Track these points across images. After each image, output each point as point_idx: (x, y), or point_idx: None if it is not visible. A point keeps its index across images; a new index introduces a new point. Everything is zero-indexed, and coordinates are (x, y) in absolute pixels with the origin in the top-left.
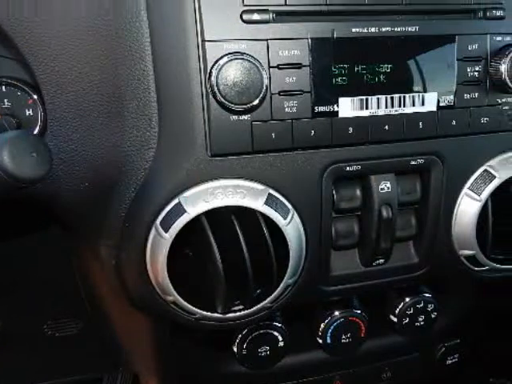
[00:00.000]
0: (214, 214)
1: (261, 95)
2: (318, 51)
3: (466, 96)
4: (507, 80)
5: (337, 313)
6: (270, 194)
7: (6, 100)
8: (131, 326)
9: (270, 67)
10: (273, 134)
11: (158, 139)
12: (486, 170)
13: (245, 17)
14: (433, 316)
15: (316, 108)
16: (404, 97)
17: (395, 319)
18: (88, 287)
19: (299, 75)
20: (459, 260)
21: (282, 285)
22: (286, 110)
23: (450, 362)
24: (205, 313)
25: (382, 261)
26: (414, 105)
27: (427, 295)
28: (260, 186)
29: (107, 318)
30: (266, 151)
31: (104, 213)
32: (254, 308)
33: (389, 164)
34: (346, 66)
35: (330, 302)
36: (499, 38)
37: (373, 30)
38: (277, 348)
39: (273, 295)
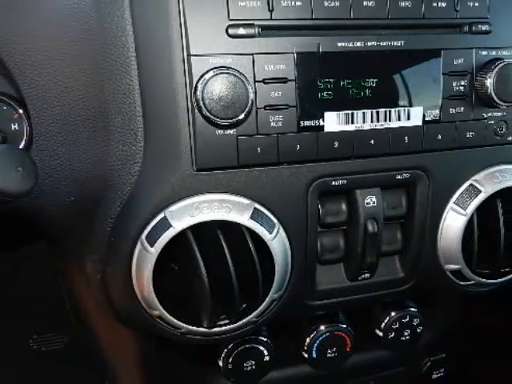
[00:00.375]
0: (199, 229)
1: (246, 110)
2: (303, 65)
3: (452, 110)
4: (493, 94)
5: (322, 327)
6: (255, 208)
7: None
8: (117, 341)
9: (255, 81)
10: (258, 149)
11: (143, 153)
12: (471, 185)
13: (230, 31)
14: (418, 330)
15: (302, 122)
16: (390, 111)
17: (381, 333)
18: (73, 302)
19: (285, 90)
20: (445, 274)
21: (267, 299)
22: (272, 124)
23: (435, 376)
24: (190, 327)
25: (367, 275)
26: (399, 119)
27: (413, 309)
28: (246, 201)
29: (93, 332)
30: (252, 166)
31: (89, 227)
32: (240, 322)
33: (374, 178)
34: (331, 80)
35: (315, 316)
36: (485, 53)
37: (358, 44)
38: (262, 362)
39: (258, 310)
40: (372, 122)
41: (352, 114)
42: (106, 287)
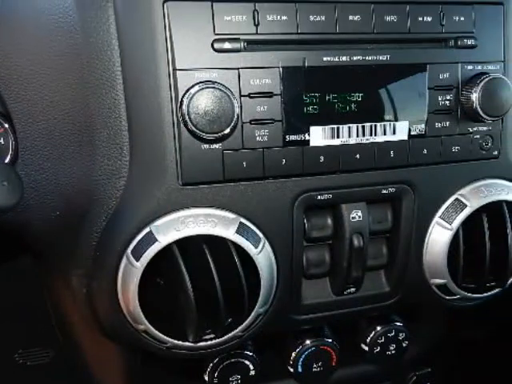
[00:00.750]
0: (185, 243)
1: (232, 124)
2: (289, 80)
3: (438, 125)
4: (478, 109)
5: (308, 341)
6: (241, 222)
7: None
8: (102, 355)
9: (241, 96)
10: (244, 163)
11: (129, 168)
12: (457, 199)
13: (216, 45)
14: (404, 345)
15: (287, 137)
16: (375, 125)
17: (366, 348)
18: (59, 316)
19: (270, 104)
20: (430, 289)
21: (253, 313)
22: (257, 138)
23: None
24: (176, 341)
25: (353, 289)
26: (385, 133)
27: (398, 324)
28: (231, 215)
29: (78, 346)
30: (237, 180)
31: (75, 242)
32: (226, 337)
33: (360, 193)
34: (317, 94)
35: (301, 330)
36: (470, 67)
37: (344, 58)
38: (248, 377)
39: (244, 324)
40: (358, 136)
41: (338, 128)
42: (91, 301)
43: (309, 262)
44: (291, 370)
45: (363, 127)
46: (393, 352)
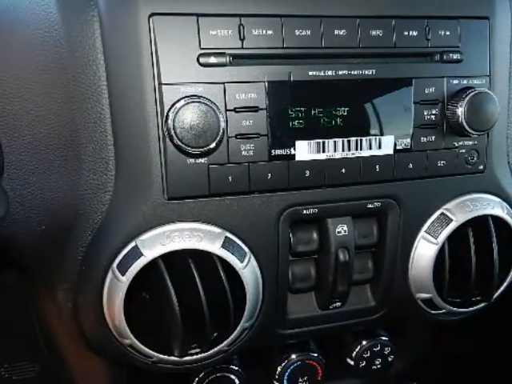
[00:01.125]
0: (170, 257)
1: (217, 138)
2: (274, 94)
3: (423, 139)
4: (464, 123)
5: (293, 356)
6: (226, 237)
7: None
8: (88, 369)
9: (226, 110)
10: (229, 178)
11: (114, 182)
12: (442, 214)
13: (201, 60)
14: (389, 359)
15: (273, 151)
16: (361, 140)
17: (352, 362)
18: (45, 330)
19: (256, 118)
20: (416, 303)
21: (238, 328)
22: (243, 153)
23: None
24: (162, 356)
25: (338, 304)
26: (370, 148)
27: (384, 338)
28: (217, 230)
29: (64, 361)
30: (223, 194)
31: (60, 256)
32: (211, 351)
33: (345, 207)
34: (302, 109)
35: (286, 345)
36: (456, 82)
37: (329, 73)
38: None
39: (229, 338)
40: (343, 150)
41: (323, 142)
42: (77, 316)
43: (294, 277)
44: None
45: (349, 142)
46: (378, 366)
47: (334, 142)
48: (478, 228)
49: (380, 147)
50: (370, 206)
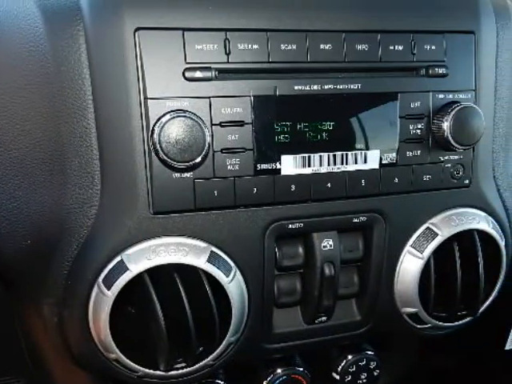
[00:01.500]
0: (156, 272)
1: (203, 153)
2: (260, 109)
3: (409, 154)
4: (450, 138)
5: (279, 370)
6: (212, 251)
7: None
8: (74, 383)
9: (212, 125)
10: (215, 192)
11: (100, 197)
12: (428, 228)
13: (187, 74)
14: (375, 373)
15: (258, 166)
16: (346, 154)
17: (337, 377)
18: (30, 344)
19: (241, 133)
20: (401, 318)
21: (224, 342)
22: (229, 167)
23: None
24: (147, 370)
25: (324, 318)
26: (356, 162)
27: (370, 353)
28: (202, 244)
29: (50, 375)
30: (209, 209)
31: (46, 270)
32: (197, 366)
33: (331, 222)
34: (288, 123)
35: (272, 359)
36: (441, 96)
37: (315, 87)
38: None
39: (215, 353)
40: (329, 165)
41: (309, 157)
42: (62, 330)
43: (280, 291)
44: None
45: (334, 156)
46: (364, 381)
47: (320, 156)
48: (463, 242)
49: (366, 161)
50: (355, 220)
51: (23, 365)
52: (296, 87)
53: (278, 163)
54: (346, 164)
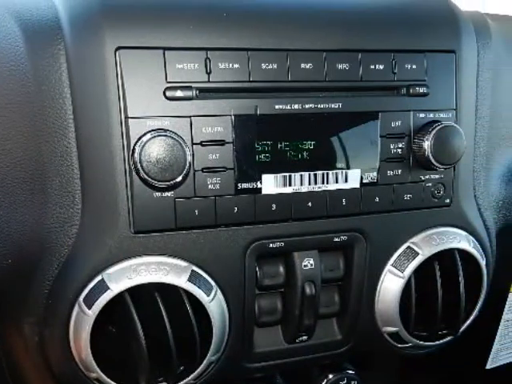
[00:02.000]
0: (137, 291)
1: (184, 172)
2: (241, 128)
3: (390, 173)
4: (430, 157)
5: None
6: (193, 270)
7: None
8: None
9: (193, 144)
10: (196, 211)
11: (81, 216)
12: (409, 247)
13: (168, 93)
14: None
15: (239, 185)
16: (327, 173)
17: None
18: (11, 363)
19: (222, 152)
20: (382, 337)
21: (205, 361)
22: (210, 186)
23: None
24: None
25: (305, 337)
26: (337, 181)
27: (350, 372)
28: (183, 263)
29: None
30: (189, 228)
31: (27, 289)
32: None
33: (312, 241)
34: (269, 142)
35: (253, 378)
36: (422, 115)
37: (296, 106)
38: None
39: (196, 372)
40: (310, 184)
41: (290, 176)
42: (43, 349)
43: (261, 310)
44: None
45: (315, 175)
46: None
47: (301, 175)
48: (444, 262)
49: (346, 181)
50: (336, 239)
51: None
52: (277, 106)
53: (258, 182)
54: (327, 183)
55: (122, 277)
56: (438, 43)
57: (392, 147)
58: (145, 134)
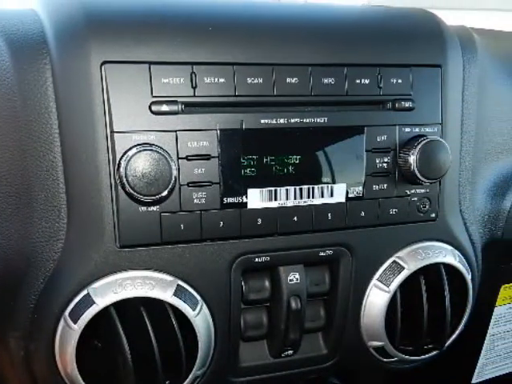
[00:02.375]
0: (123, 305)
1: (169, 186)
2: (226, 142)
3: (375, 187)
4: (416, 171)
5: None
6: (178, 285)
7: None
8: None
9: (178, 158)
10: (181, 225)
11: (66, 230)
12: (394, 262)
13: (153, 108)
14: None
15: (225, 199)
16: (313, 188)
17: None
18: None
19: (208, 166)
20: (368, 351)
21: (190, 376)
22: (195, 201)
23: None
24: None
25: (290, 352)
26: (322, 196)
27: None
28: (169, 278)
29: None
30: (175, 242)
31: (12, 304)
32: None
33: (298, 255)
34: (254, 157)
35: None
36: (408, 130)
37: (282, 121)
38: None
39: None
40: (295, 198)
41: (275, 190)
42: (29, 364)
43: (246, 325)
44: None
45: (301, 190)
46: None
47: (286, 190)
48: (430, 276)
49: (332, 195)
50: (322, 253)
51: None
52: (262, 121)
53: (244, 197)
54: (313, 198)
55: (108, 291)
56: (424, 57)
57: (378, 161)
58: (130, 149)
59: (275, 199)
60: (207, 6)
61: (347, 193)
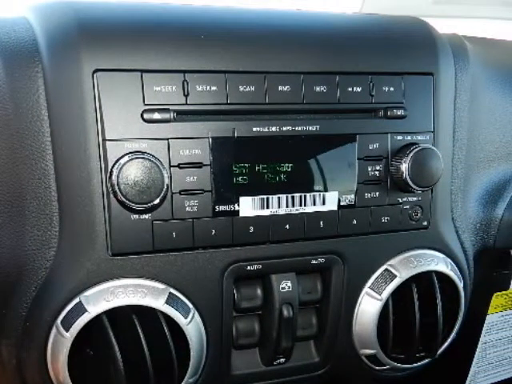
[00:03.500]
0: (115, 313)
1: (161, 194)
2: (218, 150)
3: (367, 195)
4: (408, 179)
5: None
6: (170, 293)
7: None
8: None
9: (170, 166)
10: (173, 234)
11: (58, 238)
12: (386, 270)
13: (145, 116)
14: None
15: (217, 207)
16: (305, 196)
17: None
18: None
19: (200, 174)
20: (360, 359)
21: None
22: (187, 209)
23: None
24: None
25: (282, 360)
26: (314, 204)
27: None
28: (161, 286)
29: None
30: (167, 250)
31: (4, 312)
32: None
33: (290, 263)
34: (246, 165)
35: None
36: (400, 138)
37: (274, 129)
38: None
39: None
40: (287, 206)
41: (267, 198)
42: (21, 372)
43: (238, 333)
44: None
45: (293, 198)
46: None
47: (278, 198)
48: (422, 284)
49: (324, 203)
50: (314, 261)
51: None
52: (254, 129)
53: (236, 205)
54: (305, 206)
55: (100, 299)
56: (416, 66)
57: (370, 169)
58: (122, 157)
59: (267, 207)
60: (199, 14)
61: (339, 201)
